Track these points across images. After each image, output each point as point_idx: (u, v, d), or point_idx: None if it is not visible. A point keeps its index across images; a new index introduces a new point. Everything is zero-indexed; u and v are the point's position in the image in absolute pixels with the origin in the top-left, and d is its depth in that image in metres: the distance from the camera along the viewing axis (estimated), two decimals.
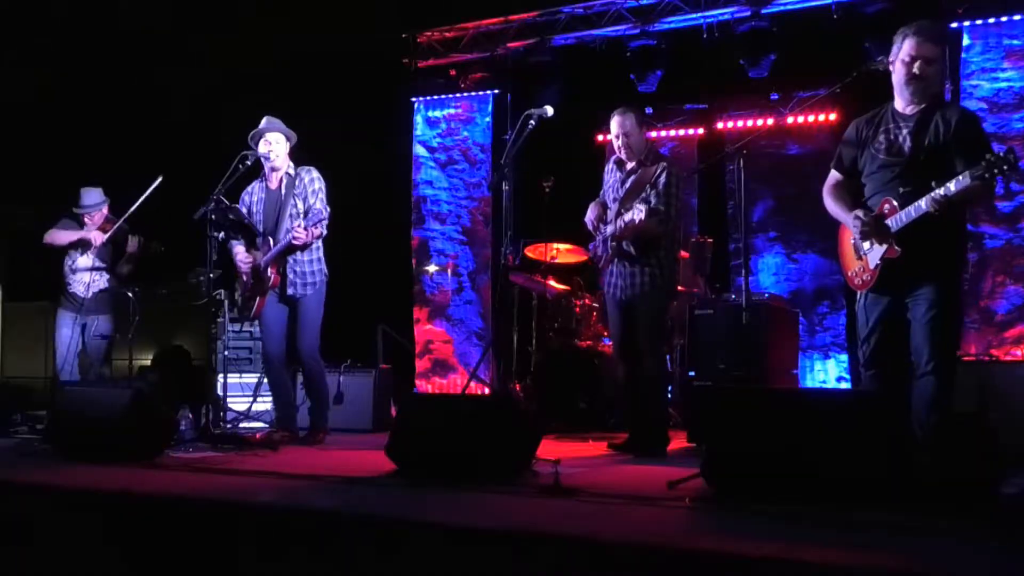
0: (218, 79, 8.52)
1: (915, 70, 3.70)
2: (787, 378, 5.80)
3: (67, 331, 6.51)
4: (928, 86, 3.72)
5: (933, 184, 3.53)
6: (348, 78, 8.29)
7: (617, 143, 5.17)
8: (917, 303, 3.66)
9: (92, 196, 6.60)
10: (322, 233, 5.43)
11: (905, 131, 3.76)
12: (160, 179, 6.04)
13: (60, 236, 6.52)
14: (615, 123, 5.16)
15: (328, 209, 5.45)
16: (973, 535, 2.69)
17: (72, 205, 6.60)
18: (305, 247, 5.41)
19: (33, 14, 8.27)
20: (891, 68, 3.78)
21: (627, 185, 5.15)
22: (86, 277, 6.52)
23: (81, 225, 6.58)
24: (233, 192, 5.43)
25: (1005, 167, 3.34)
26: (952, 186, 3.46)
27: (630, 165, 5.19)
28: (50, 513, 3.50)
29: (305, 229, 5.28)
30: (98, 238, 6.44)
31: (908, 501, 2.96)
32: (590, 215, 5.25)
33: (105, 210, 6.60)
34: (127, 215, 6.35)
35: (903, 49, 3.74)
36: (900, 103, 3.82)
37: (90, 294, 6.50)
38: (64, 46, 8.45)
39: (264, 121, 5.56)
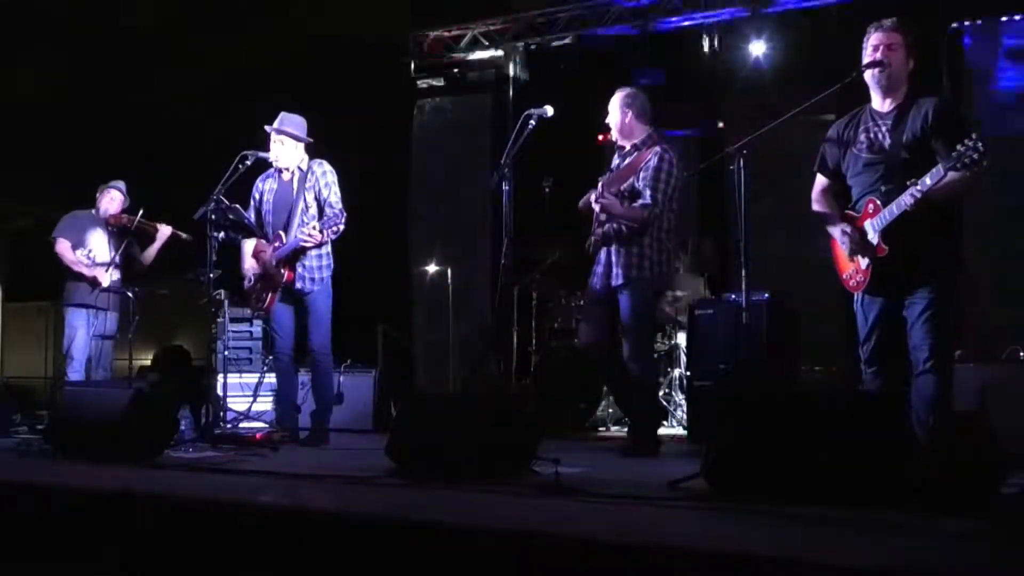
0: (219, 79, 8.52)
1: (878, 55, 3.77)
2: (787, 378, 5.80)
3: (84, 332, 6.48)
4: (894, 72, 3.78)
5: (909, 182, 3.55)
6: (348, 78, 8.30)
7: (611, 122, 5.09)
8: (914, 303, 3.68)
9: (120, 185, 6.70)
10: (338, 231, 5.43)
11: (884, 128, 3.81)
12: (141, 212, 6.32)
13: (69, 257, 6.50)
14: (610, 104, 5.09)
15: (341, 204, 5.45)
16: (973, 535, 2.69)
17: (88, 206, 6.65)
18: (317, 245, 5.40)
19: (37, 15, 8.28)
20: (864, 74, 3.85)
21: (615, 170, 5.06)
22: (104, 262, 6.52)
23: (95, 212, 6.61)
24: (234, 192, 5.43)
25: (975, 155, 3.33)
26: (928, 179, 3.48)
27: (626, 148, 5.09)
28: (50, 513, 3.50)
29: (321, 231, 5.28)
30: (101, 277, 6.43)
31: (908, 501, 2.96)
32: (583, 201, 5.14)
33: (120, 207, 6.61)
34: (137, 219, 6.42)
35: (868, 45, 3.84)
36: (877, 101, 3.88)
37: (107, 283, 6.47)
38: (66, 47, 8.45)
39: (278, 119, 5.51)
